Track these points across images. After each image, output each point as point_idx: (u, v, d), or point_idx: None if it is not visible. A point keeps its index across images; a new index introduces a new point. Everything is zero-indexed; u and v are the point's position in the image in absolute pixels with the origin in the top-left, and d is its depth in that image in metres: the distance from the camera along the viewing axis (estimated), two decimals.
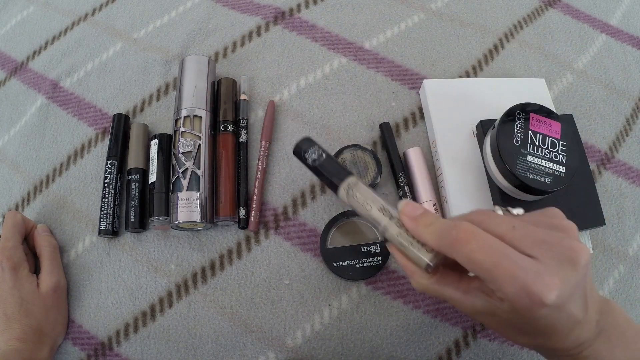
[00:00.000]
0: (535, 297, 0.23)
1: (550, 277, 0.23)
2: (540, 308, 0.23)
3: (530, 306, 0.23)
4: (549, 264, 0.23)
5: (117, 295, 0.40)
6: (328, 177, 0.33)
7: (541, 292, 0.22)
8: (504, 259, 0.23)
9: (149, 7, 0.53)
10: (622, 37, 0.53)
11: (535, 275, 0.23)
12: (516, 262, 0.23)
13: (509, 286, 0.23)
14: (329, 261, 0.39)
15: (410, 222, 0.28)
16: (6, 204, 0.45)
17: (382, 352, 0.39)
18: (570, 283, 0.23)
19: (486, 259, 0.24)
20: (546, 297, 0.22)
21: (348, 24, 0.51)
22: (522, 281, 0.23)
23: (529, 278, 0.23)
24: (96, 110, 0.47)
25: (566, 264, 0.23)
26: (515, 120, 0.38)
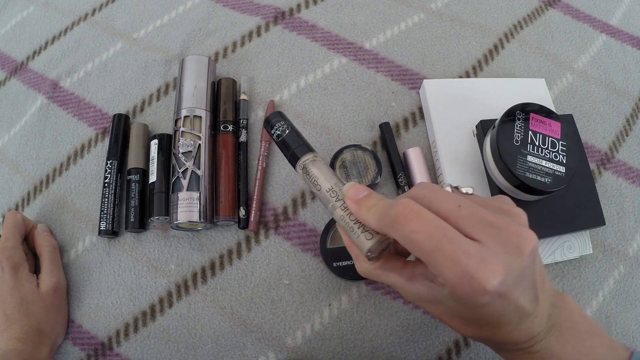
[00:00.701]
0: (477, 284, 0.21)
1: (494, 263, 0.21)
2: (482, 295, 0.21)
3: (471, 293, 0.22)
4: (493, 249, 0.22)
5: (117, 295, 0.40)
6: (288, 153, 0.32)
7: (484, 278, 0.21)
8: (446, 241, 0.22)
9: (149, 7, 0.53)
10: (622, 37, 0.53)
11: (478, 261, 0.21)
12: (459, 246, 0.22)
13: (450, 271, 0.22)
14: (329, 261, 0.39)
15: (353, 205, 0.26)
16: (6, 204, 0.45)
17: (382, 352, 0.39)
18: (515, 271, 0.22)
19: (427, 240, 0.22)
20: (488, 284, 0.21)
21: (348, 24, 0.51)
22: (463, 266, 0.21)
23: (471, 263, 0.21)
24: (96, 110, 0.47)
25: (512, 250, 0.22)
26: (515, 120, 0.38)
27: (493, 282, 0.21)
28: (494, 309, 0.23)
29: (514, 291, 0.22)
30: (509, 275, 0.22)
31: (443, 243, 0.22)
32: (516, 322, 0.24)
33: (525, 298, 0.23)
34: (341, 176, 0.41)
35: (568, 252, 0.41)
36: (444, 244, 0.22)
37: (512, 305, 0.23)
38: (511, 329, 0.25)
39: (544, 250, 0.40)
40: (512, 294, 0.22)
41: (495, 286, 0.21)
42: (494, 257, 0.22)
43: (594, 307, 0.41)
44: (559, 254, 0.40)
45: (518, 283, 0.22)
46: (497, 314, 0.23)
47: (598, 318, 0.41)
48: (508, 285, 0.22)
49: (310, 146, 0.32)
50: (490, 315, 0.23)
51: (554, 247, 0.40)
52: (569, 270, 0.42)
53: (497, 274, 0.21)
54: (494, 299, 0.22)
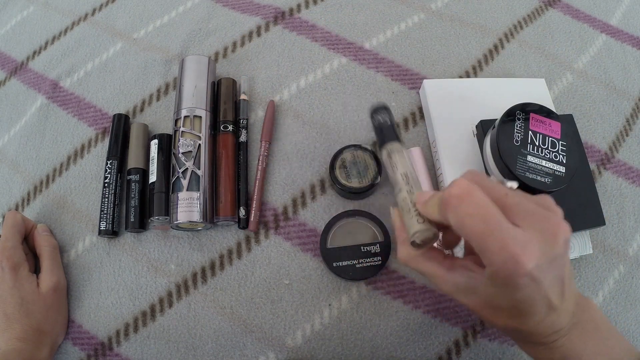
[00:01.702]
0: (519, 267, 0.23)
1: (533, 247, 0.23)
2: (521, 277, 0.23)
3: (514, 274, 0.23)
4: (533, 235, 0.24)
5: (117, 295, 0.40)
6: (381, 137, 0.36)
7: (526, 261, 0.23)
8: (497, 227, 0.24)
9: (149, 7, 0.53)
10: (622, 37, 0.53)
11: (522, 245, 0.23)
12: (507, 232, 0.23)
13: (497, 254, 0.23)
14: (329, 261, 0.39)
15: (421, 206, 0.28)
16: (6, 204, 0.45)
17: (382, 352, 0.39)
18: (548, 256, 0.24)
19: (479, 225, 0.24)
20: (528, 266, 0.23)
21: (348, 24, 0.51)
22: (511, 251, 0.23)
23: (517, 248, 0.23)
24: (96, 110, 0.47)
25: (549, 238, 0.24)
26: (515, 120, 0.38)
27: (531, 263, 0.23)
28: (527, 295, 0.24)
29: (545, 278, 0.24)
30: (543, 259, 0.23)
31: (494, 229, 0.24)
32: (544, 313, 0.26)
33: (553, 289, 0.25)
34: (341, 176, 0.41)
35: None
36: (495, 229, 0.24)
37: (542, 294, 0.24)
38: (538, 321, 0.26)
39: None
40: (544, 281, 0.24)
41: (532, 268, 0.23)
42: (534, 242, 0.23)
43: None
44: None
45: (550, 270, 0.24)
46: (529, 300, 0.25)
47: None
48: (542, 270, 0.24)
49: (399, 137, 0.36)
50: (522, 302, 0.25)
51: None
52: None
53: (534, 257, 0.23)
54: (529, 282, 0.24)
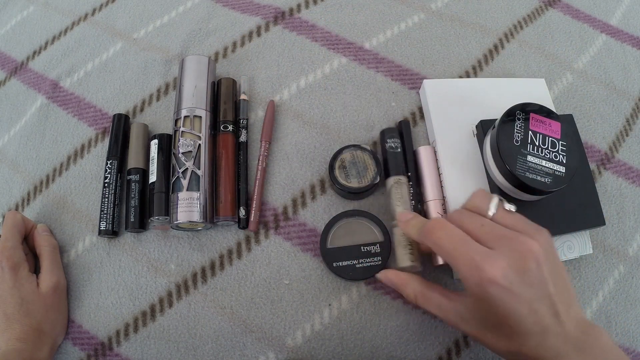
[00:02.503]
0: (482, 273, 0.27)
1: (498, 259, 0.27)
2: (487, 283, 0.27)
3: (479, 282, 0.27)
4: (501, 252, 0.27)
5: (117, 295, 0.40)
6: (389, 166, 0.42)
7: (488, 268, 0.27)
8: (462, 244, 0.28)
9: (149, 7, 0.53)
10: (622, 37, 0.53)
11: (486, 257, 0.27)
12: (471, 247, 0.28)
13: (464, 266, 0.28)
14: (329, 261, 0.39)
15: (402, 224, 0.36)
16: (6, 204, 0.45)
17: (382, 352, 0.39)
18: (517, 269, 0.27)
19: (448, 244, 0.29)
20: (491, 273, 0.26)
21: (348, 24, 0.51)
22: (473, 260, 0.27)
23: (479, 258, 0.27)
24: (96, 110, 0.47)
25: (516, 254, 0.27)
26: (515, 120, 0.38)
27: (495, 272, 0.26)
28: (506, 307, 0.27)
29: (521, 290, 0.26)
30: (510, 271, 0.26)
31: (460, 245, 0.29)
32: (539, 333, 0.27)
33: (541, 307, 0.27)
34: (340, 176, 0.41)
35: (568, 252, 0.41)
36: (460, 246, 0.29)
37: (526, 310, 0.27)
38: (537, 343, 0.27)
39: None
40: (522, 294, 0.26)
41: (497, 276, 0.26)
42: (499, 256, 0.27)
43: (594, 307, 0.41)
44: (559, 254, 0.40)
45: (524, 284, 0.27)
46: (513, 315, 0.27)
47: (598, 318, 0.41)
48: (511, 281, 0.26)
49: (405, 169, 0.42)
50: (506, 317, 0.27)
51: None
52: (569, 270, 0.42)
53: (499, 267, 0.26)
54: (501, 292, 0.26)
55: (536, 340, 0.27)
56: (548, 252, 0.28)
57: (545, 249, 0.28)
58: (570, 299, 0.29)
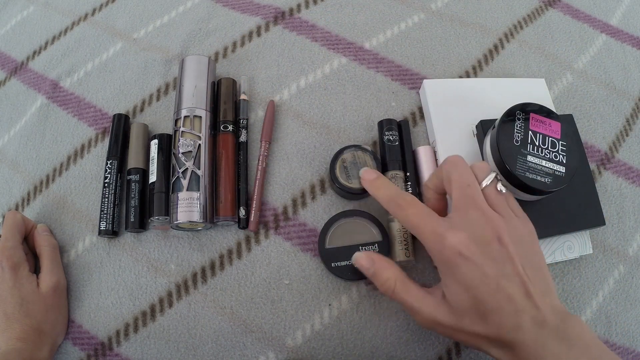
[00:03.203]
0: (445, 241, 0.29)
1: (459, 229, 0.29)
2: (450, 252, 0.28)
3: (441, 249, 0.29)
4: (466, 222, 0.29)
5: (117, 295, 0.40)
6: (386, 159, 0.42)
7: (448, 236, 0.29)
8: (428, 218, 0.31)
9: (149, 7, 0.53)
10: (622, 37, 0.53)
11: (447, 228, 0.29)
12: (437, 221, 0.30)
13: (429, 236, 0.30)
14: (328, 261, 0.39)
15: (367, 184, 0.36)
16: (6, 204, 0.45)
17: (382, 352, 0.39)
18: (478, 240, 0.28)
19: (416, 219, 0.31)
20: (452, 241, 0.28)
21: (348, 24, 0.51)
22: (438, 232, 0.29)
23: (441, 229, 0.29)
24: (96, 110, 0.47)
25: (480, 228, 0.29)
26: (515, 120, 0.38)
27: (456, 240, 0.28)
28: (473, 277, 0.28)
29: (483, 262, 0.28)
30: (470, 241, 0.28)
31: (426, 218, 0.31)
32: (513, 313, 0.27)
33: (509, 284, 0.28)
34: (341, 176, 0.41)
35: (568, 252, 0.41)
36: (426, 218, 0.31)
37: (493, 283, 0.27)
38: (513, 324, 0.27)
39: (544, 251, 0.40)
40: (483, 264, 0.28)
41: (457, 244, 0.28)
42: (461, 227, 0.29)
43: (594, 307, 0.41)
44: (559, 254, 0.40)
45: (485, 256, 0.28)
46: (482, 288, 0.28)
47: (598, 318, 0.41)
48: (472, 251, 0.28)
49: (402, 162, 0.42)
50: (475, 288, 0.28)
51: (554, 247, 0.40)
52: (569, 270, 0.42)
53: (460, 237, 0.28)
54: (463, 261, 0.28)
55: (512, 321, 0.27)
56: (521, 238, 0.30)
57: (517, 233, 0.29)
58: (547, 287, 0.29)
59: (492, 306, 0.27)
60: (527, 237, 0.30)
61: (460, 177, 0.31)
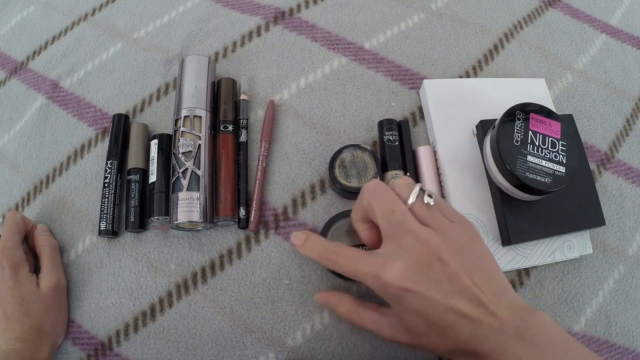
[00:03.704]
0: (380, 279, 0.28)
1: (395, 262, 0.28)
2: (388, 287, 0.28)
3: (381, 287, 0.28)
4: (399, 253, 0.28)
5: (117, 295, 0.40)
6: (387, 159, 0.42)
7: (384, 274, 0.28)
8: (360, 261, 0.30)
9: (149, 7, 0.53)
10: (622, 37, 0.53)
11: (382, 264, 0.28)
12: (370, 261, 0.29)
13: (368, 279, 0.29)
14: None
15: (298, 248, 0.35)
16: (6, 204, 0.45)
17: (382, 352, 0.39)
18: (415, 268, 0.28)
19: (349, 265, 0.31)
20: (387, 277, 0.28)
21: (348, 24, 0.51)
22: (372, 271, 0.29)
23: (375, 267, 0.29)
24: (96, 110, 0.47)
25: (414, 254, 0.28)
26: (515, 120, 0.38)
27: (393, 275, 0.28)
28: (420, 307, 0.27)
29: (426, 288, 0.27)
30: (409, 270, 0.28)
31: (358, 263, 0.30)
32: (468, 325, 0.27)
33: (458, 301, 0.27)
34: (340, 176, 0.41)
35: (568, 252, 0.41)
36: (359, 262, 0.30)
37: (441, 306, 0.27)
38: (470, 335, 0.27)
39: (544, 251, 0.40)
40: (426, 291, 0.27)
41: (395, 278, 0.28)
42: (396, 258, 0.28)
43: (594, 307, 0.41)
44: (559, 254, 0.40)
45: (428, 281, 0.27)
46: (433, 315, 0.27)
47: (598, 318, 0.41)
48: (412, 280, 0.27)
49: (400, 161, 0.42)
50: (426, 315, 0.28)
51: (554, 247, 0.40)
52: (569, 270, 0.42)
53: (396, 270, 0.28)
54: (405, 294, 0.28)
55: (468, 332, 0.27)
56: (462, 246, 0.29)
57: (456, 243, 0.28)
58: (499, 288, 0.28)
59: (446, 325, 0.27)
60: (468, 244, 0.29)
61: (382, 204, 0.30)
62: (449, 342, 0.28)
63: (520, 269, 0.41)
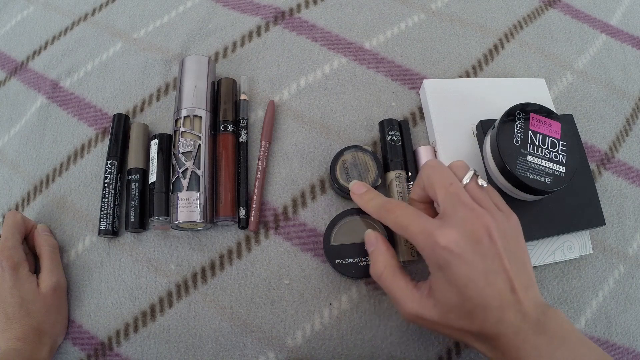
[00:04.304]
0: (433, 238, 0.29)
1: (450, 228, 0.29)
2: (441, 250, 0.28)
3: (431, 246, 0.29)
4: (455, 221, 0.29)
5: (117, 295, 0.40)
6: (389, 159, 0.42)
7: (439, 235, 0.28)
8: (417, 218, 0.31)
9: (149, 7, 0.53)
10: (622, 37, 0.53)
11: (438, 226, 0.29)
12: (426, 220, 0.30)
13: (419, 235, 0.30)
14: (332, 258, 0.39)
15: (357, 197, 0.36)
16: (6, 204, 0.45)
17: (382, 352, 0.39)
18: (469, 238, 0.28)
19: (405, 219, 0.31)
20: (442, 239, 0.28)
21: (348, 24, 0.51)
22: (426, 229, 0.29)
23: (431, 227, 0.29)
24: (96, 110, 0.47)
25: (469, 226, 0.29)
26: (515, 120, 0.38)
27: (447, 238, 0.28)
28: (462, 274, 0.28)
29: (473, 259, 0.28)
30: (461, 238, 0.28)
31: (414, 219, 0.31)
32: (498, 308, 0.28)
33: (497, 279, 0.28)
34: (341, 177, 0.41)
35: (568, 252, 0.41)
36: (415, 219, 0.31)
37: (482, 279, 0.28)
38: (497, 319, 0.28)
39: (544, 251, 0.40)
40: (474, 261, 0.28)
41: (448, 242, 0.28)
42: (452, 225, 0.29)
43: (594, 307, 0.41)
44: (559, 254, 0.40)
45: (476, 253, 0.28)
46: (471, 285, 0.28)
47: (598, 318, 0.41)
48: (463, 249, 0.28)
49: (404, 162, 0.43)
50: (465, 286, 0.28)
51: (554, 247, 0.40)
52: (569, 270, 0.42)
53: (450, 234, 0.28)
54: (454, 258, 0.28)
55: (496, 315, 0.28)
56: (506, 232, 0.30)
57: (502, 228, 0.29)
58: (529, 281, 0.29)
59: (480, 302, 0.28)
60: (511, 232, 0.30)
61: (441, 177, 0.31)
62: (476, 323, 0.28)
63: None
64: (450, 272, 0.28)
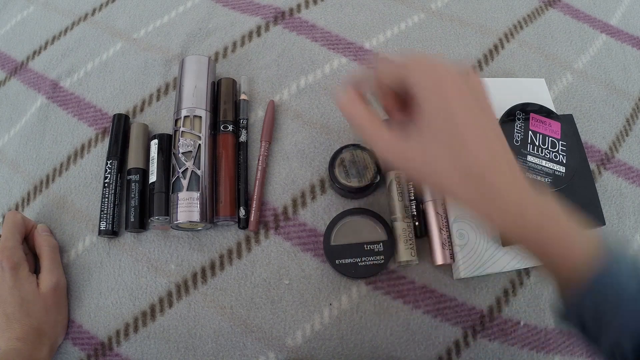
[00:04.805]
0: (437, 66, 0.28)
1: (450, 66, 0.28)
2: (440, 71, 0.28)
3: (432, 69, 0.28)
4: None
5: (117, 295, 0.40)
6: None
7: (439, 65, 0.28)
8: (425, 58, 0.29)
9: (149, 7, 0.53)
10: (622, 37, 0.53)
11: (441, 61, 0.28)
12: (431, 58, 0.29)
13: (419, 66, 0.28)
14: (332, 258, 0.39)
15: (380, 64, 0.32)
16: (6, 204, 0.45)
17: (382, 352, 0.39)
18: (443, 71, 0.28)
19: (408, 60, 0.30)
20: (441, 68, 0.28)
21: (348, 24, 0.51)
22: (432, 64, 0.28)
23: (437, 60, 0.28)
24: (96, 110, 0.47)
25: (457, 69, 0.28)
26: (515, 120, 0.38)
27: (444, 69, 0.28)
28: (455, 109, 0.27)
29: (464, 91, 0.28)
30: (451, 74, 0.28)
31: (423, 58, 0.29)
32: (482, 142, 0.27)
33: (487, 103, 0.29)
34: (340, 175, 0.41)
35: None
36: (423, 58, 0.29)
37: (473, 101, 0.28)
38: (489, 159, 0.27)
39: None
40: (464, 93, 0.28)
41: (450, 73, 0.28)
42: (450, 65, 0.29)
43: None
44: None
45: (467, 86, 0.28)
46: (460, 109, 0.27)
47: None
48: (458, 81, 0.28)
49: None
50: (455, 105, 0.27)
51: None
52: None
53: (446, 66, 0.28)
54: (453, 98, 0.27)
55: (499, 172, 0.27)
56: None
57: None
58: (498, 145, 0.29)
59: (465, 129, 0.27)
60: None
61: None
62: (462, 159, 0.27)
63: (521, 269, 0.41)
64: (441, 105, 0.27)
